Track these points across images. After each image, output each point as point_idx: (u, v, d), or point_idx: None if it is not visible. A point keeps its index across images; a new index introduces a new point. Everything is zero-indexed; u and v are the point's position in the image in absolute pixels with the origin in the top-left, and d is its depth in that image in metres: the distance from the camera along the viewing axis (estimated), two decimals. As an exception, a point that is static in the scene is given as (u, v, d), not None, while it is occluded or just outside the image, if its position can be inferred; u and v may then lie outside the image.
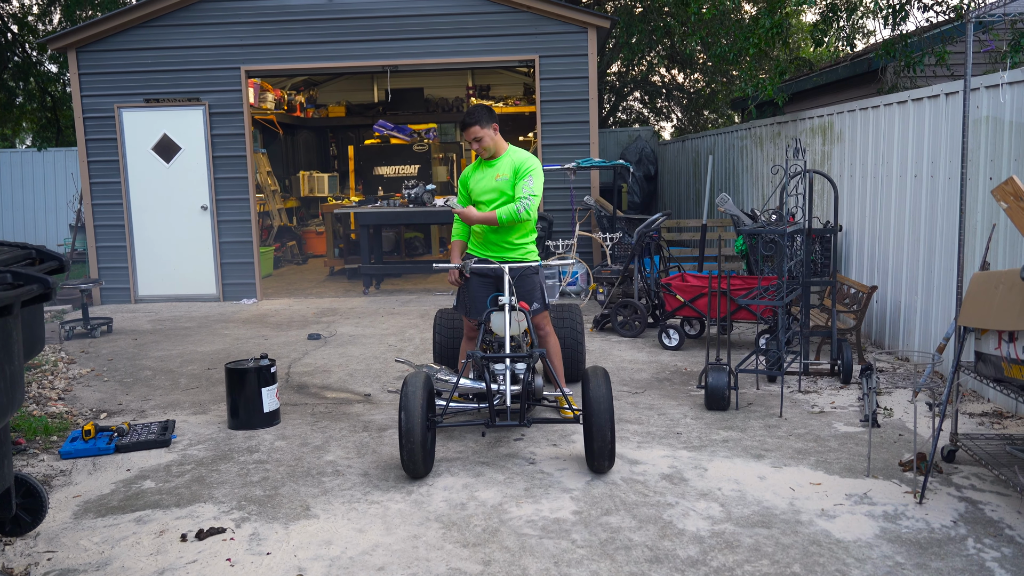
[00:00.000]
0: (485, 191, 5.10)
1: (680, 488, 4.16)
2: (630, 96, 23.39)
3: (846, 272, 7.67)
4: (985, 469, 4.25)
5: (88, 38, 10.07)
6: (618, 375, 6.35)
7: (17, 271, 3.06)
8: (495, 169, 5.09)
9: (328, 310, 9.57)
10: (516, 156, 5.11)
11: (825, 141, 8.15)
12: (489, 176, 5.10)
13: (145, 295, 10.46)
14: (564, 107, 10.10)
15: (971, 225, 5.54)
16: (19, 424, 5.26)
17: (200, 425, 5.43)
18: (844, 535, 3.61)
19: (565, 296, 9.96)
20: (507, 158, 5.10)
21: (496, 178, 5.07)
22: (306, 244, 14.63)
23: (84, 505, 4.17)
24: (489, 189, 5.08)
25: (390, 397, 5.96)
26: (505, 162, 5.09)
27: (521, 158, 5.10)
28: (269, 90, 13.09)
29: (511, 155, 5.11)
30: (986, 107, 5.40)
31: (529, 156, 5.12)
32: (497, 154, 5.10)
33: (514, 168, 5.06)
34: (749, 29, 9.61)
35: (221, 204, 10.34)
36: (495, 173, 5.08)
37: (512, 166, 5.07)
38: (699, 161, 13.42)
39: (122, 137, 10.25)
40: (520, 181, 5.03)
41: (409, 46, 10.07)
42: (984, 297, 3.87)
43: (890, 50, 8.85)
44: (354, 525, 3.84)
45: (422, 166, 13.61)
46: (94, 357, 7.51)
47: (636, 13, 16.70)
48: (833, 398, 5.63)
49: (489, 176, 5.10)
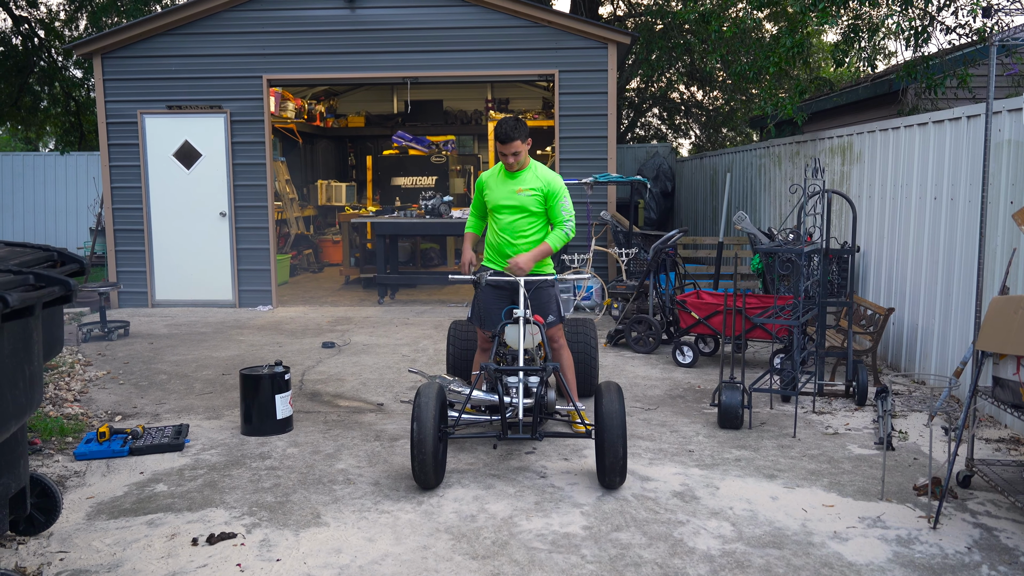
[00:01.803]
0: (504, 201, 5.11)
1: (691, 506, 4.14)
2: (649, 112, 23.43)
3: (863, 293, 7.62)
4: (1001, 495, 4.21)
5: (113, 44, 10.20)
6: (631, 391, 6.33)
7: (40, 272, 3.09)
8: (517, 182, 5.10)
9: (343, 319, 9.60)
10: (541, 173, 5.12)
11: (844, 161, 8.12)
12: (510, 187, 5.11)
13: (162, 299, 10.54)
14: (583, 122, 10.13)
15: (991, 249, 5.51)
16: (35, 424, 5.30)
17: (213, 430, 5.45)
18: (856, 558, 3.58)
19: (579, 311, 9.95)
20: (530, 173, 5.11)
21: (519, 191, 5.08)
22: (322, 252, 14.70)
23: (97, 506, 4.20)
24: (509, 201, 5.10)
25: (403, 407, 5.97)
26: (529, 177, 5.10)
27: (548, 177, 5.11)
28: (290, 99, 13.20)
29: (535, 170, 5.12)
30: (1008, 131, 5.37)
31: (554, 176, 5.15)
32: (522, 167, 5.12)
33: (544, 191, 5.08)
34: (770, 48, 9.61)
35: (240, 211, 10.41)
36: (517, 186, 5.09)
37: (541, 185, 5.08)
38: (716, 179, 13.40)
39: (144, 143, 10.35)
40: (556, 204, 5.08)
41: (429, 58, 10.13)
42: (1003, 322, 3.84)
43: (911, 72, 8.83)
44: (364, 534, 3.84)
45: (439, 178, 13.67)
46: (110, 360, 7.56)
47: (657, 30, 16.73)
48: (848, 420, 5.59)
49: (510, 187, 5.11)
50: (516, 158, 5.03)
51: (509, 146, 4.97)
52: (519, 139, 4.96)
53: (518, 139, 4.96)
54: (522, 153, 5.03)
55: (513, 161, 5.04)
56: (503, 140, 4.97)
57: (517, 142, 4.96)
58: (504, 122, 4.96)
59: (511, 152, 4.99)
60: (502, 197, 5.13)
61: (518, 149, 4.99)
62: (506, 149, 4.99)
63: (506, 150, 4.99)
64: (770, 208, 10.49)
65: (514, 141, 4.95)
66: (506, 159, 5.05)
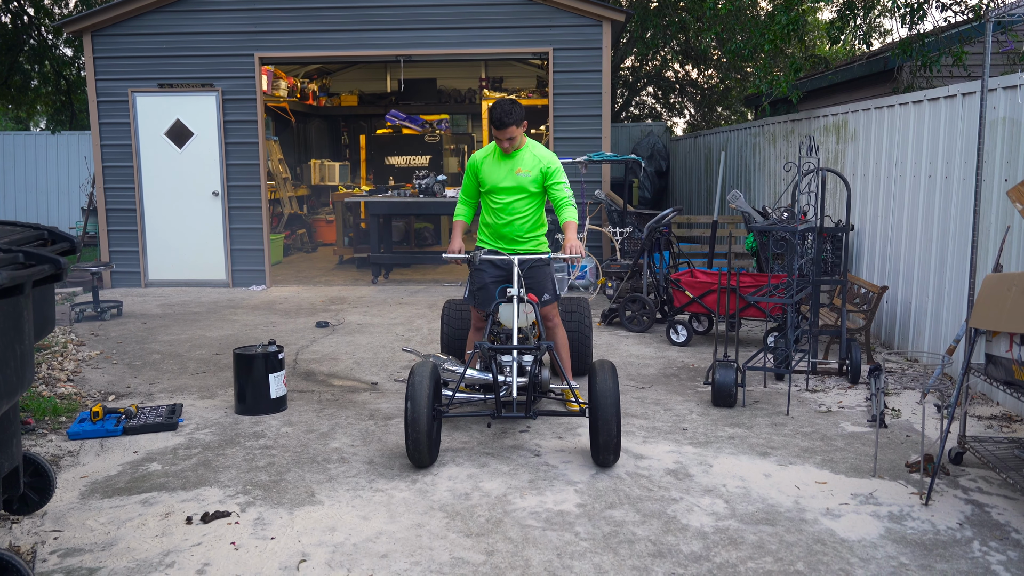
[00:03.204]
0: (502, 182, 5.06)
1: (685, 484, 4.16)
2: (643, 91, 23.31)
3: (857, 272, 7.63)
4: (993, 472, 4.23)
5: (103, 22, 10.09)
6: (625, 370, 6.34)
7: (29, 251, 3.06)
8: (515, 162, 5.05)
9: (337, 298, 9.58)
10: (537, 152, 5.07)
11: (839, 140, 8.10)
12: (507, 168, 5.06)
13: (155, 279, 10.50)
14: (577, 100, 10.08)
15: (985, 227, 5.51)
16: (28, 404, 5.29)
17: (207, 409, 5.45)
18: (849, 534, 3.60)
19: (573, 290, 9.95)
20: (527, 152, 5.06)
21: (517, 172, 5.04)
22: (316, 232, 14.65)
23: (91, 486, 4.20)
24: (508, 182, 5.06)
25: (397, 386, 5.97)
26: (526, 157, 5.05)
27: (544, 156, 5.06)
28: (282, 78, 13.09)
29: (531, 149, 5.07)
30: (1003, 108, 5.36)
31: (549, 154, 5.10)
32: (518, 148, 5.07)
33: (541, 171, 5.03)
34: (765, 25, 9.55)
35: (232, 191, 10.36)
36: (516, 167, 5.04)
37: (537, 165, 5.03)
38: (711, 157, 13.37)
39: (135, 122, 10.27)
40: (556, 184, 5.03)
41: (423, 36, 10.05)
42: (996, 299, 3.85)
43: (907, 49, 8.79)
44: (358, 512, 3.85)
45: (433, 157, 13.61)
46: (103, 340, 7.54)
47: (651, 8, 16.63)
48: (841, 398, 5.61)
49: (507, 168, 5.06)
50: (512, 142, 4.98)
51: (505, 131, 4.90)
52: (514, 124, 4.89)
53: (513, 124, 4.89)
54: (518, 136, 4.97)
55: (509, 145, 5.00)
56: (498, 126, 4.89)
57: (512, 127, 4.89)
58: (499, 106, 4.87)
59: (507, 137, 4.94)
60: (500, 179, 5.07)
61: (513, 134, 4.93)
62: (501, 135, 4.92)
63: (501, 135, 4.93)
64: (764, 187, 10.47)
65: (509, 127, 4.88)
66: (502, 143, 5.00)
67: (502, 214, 5.13)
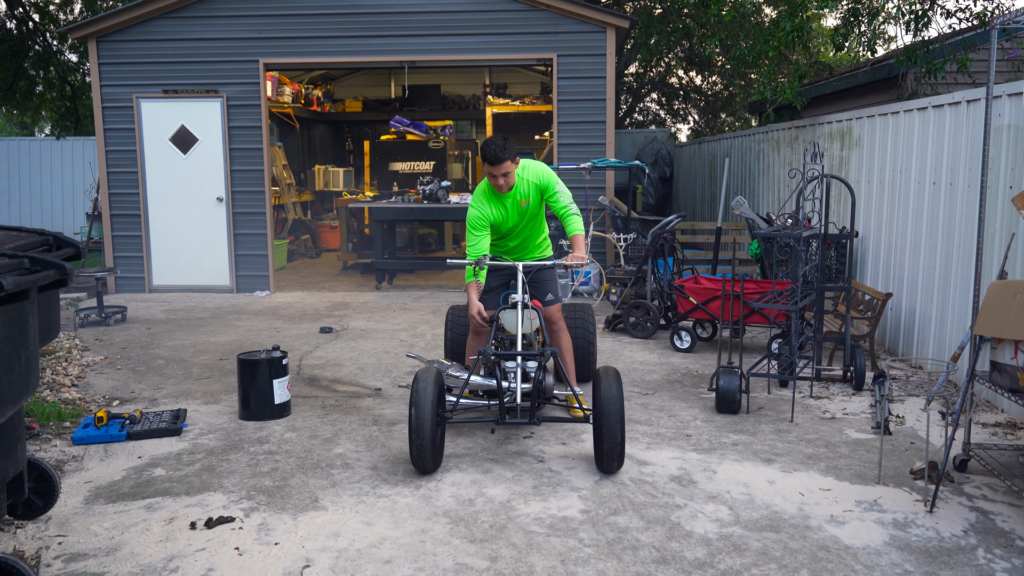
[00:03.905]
0: (510, 220, 5.11)
1: (689, 490, 4.15)
2: (647, 97, 23.34)
3: (861, 278, 7.62)
4: (997, 480, 4.22)
5: (108, 28, 10.13)
6: (629, 376, 6.33)
7: (35, 256, 3.07)
8: (516, 196, 5.07)
9: (340, 304, 9.59)
10: (528, 177, 5.05)
11: (843, 146, 8.10)
12: (512, 206, 5.08)
13: (159, 285, 10.52)
14: (581, 107, 10.09)
15: (989, 234, 5.50)
16: (33, 409, 5.30)
17: (211, 415, 5.45)
18: (853, 541, 3.59)
19: (577, 296, 9.94)
20: (522, 182, 5.05)
21: (522, 204, 5.08)
22: (320, 238, 14.67)
23: (95, 491, 4.20)
24: (514, 218, 5.11)
25: (400, 392, 5.97)
26: (523, 187, 5.06)
27: (536, 176, 5.05)
28: (287, 83, 13.14)
29: (524, 175, 5.06)
30: (1008, 115, 5.35)
31: (539, 170, 5.08)
32: (512, 184, 5.03)
33: (538, 188, 5.06)
34: (769, 32, 9.56)
35: (236, 196, 10.38)
36: (519, 200, 5.07)
37: (534, 188, 5.05)
38: (715, 164, 13.37)
39: (140, 127, 10.30)
40: (556, 196, 5.05)
41: (427, 42, 10.08)
42: (1001, 306, 3.84)
43: (911, 56, 8.79)
44: (362, 518, 3.85)
45: (437, 163, 13.63)
46: (108, 345, 7.55)
47: (655, 14, 16.64)
48: (845, 404, 5.60)
49: (512, 206, 5.08)
50: (506, 179, 4.93)
51: (499, 167, 4.87)
52: (509, 159, 4.87)
53: (508, 160, 4.86)
54: (512, 172, 4.94)
55: (503, 183, 4.94)
56: (493, 162, 4.85)
57: (507, 163, 4.87)
58: (492, 143, 4.84)
59: (501, 173, 4.89)
60: (508, 217, 5.10)
61: (508, 170, 4.90)
62: (496, 171, 4.89)
63: (496, 171, 4.89)
64: (768, 193, 10.47)
65: (504, 162, 4.85)
66: (495, 180, 4.93)
67: (509, 242, 5.25)
